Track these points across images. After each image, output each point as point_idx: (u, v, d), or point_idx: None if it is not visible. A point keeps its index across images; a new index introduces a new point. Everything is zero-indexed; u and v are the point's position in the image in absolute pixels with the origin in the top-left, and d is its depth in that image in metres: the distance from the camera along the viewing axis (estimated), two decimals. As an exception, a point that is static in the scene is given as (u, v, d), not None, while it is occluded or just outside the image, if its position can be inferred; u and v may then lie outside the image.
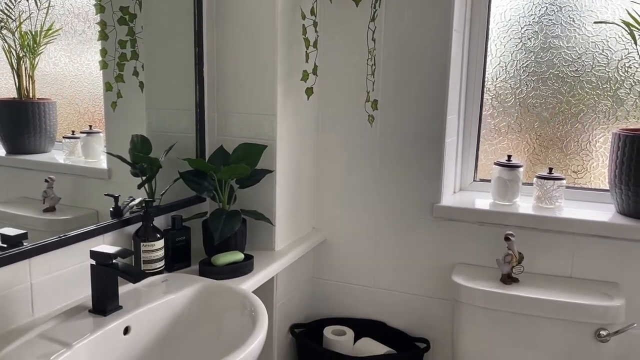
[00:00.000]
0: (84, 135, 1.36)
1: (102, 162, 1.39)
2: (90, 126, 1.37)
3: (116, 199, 1.36)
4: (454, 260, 1.73)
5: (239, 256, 1.44)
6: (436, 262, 1.75)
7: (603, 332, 1.42)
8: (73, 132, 1.34)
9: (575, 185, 1.76)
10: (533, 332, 1.49)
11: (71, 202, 1.27)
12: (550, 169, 1.70)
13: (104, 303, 1.11)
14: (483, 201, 1.74)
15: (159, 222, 1.47)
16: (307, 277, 1.88)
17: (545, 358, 1.49)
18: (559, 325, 1.46)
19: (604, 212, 1.61)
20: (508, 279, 1.56)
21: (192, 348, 1.19)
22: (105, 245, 1.22)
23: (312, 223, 1.88)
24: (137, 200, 1.42)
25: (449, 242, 1.73)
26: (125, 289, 1.21)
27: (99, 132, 1.37)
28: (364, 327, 1.83)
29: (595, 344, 1.44)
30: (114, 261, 1.10)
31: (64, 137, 1.32)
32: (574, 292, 1.50)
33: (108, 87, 1.34)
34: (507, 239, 1.54)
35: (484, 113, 1.83)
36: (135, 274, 1.09)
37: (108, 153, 1.39)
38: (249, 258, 1.47)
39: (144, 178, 1.46)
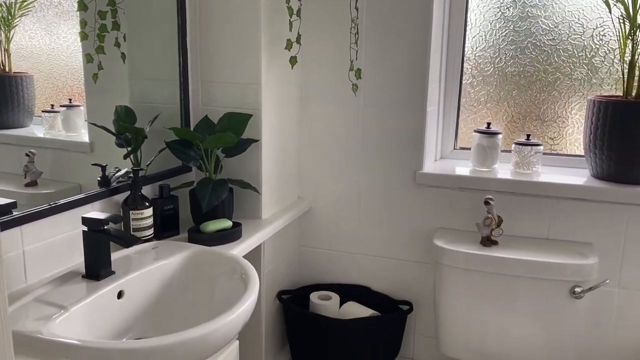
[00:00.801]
0: (64, 109, 1.35)
1: (84, 135, 1.39)
2: (70, 99, 1.36)
3: (103, 168, 1.36)
4: (435, 225, 1.78)
5: (227, 223, 1.47)
6: (418, 228, 1.80)
7: (578, 289, 1.49)
8: (52, 105, 1.33)
9: (552, 152, 1.82)
10: (511, 291, 1.55)
11: (53, 176, 1.27)
12: (528, 136, 1.75)
13: (97, 268, 1.13)
14: (463, 168, 1.79)
15: (146, 191, 1.47)
16: (293, 245, 1.92)
17: (523, 316, 1.56)
18: (536, 284, 1.52)
19: (579, 176, 1.68)
20: (487, 242, 1.62)
21: (185, 311, 1.22)
22: (96, 212, 1.23)
23: (297, 192, 1.91)
24: (123, 171, 1.43)
25: (431, 208, 1.78)
26: (116, 255, 1.23)
27: (79, 106, 1.37)
28: (349, 292, 1.88)
29: (570, 301, 1.51)
30: (105, 227, 1.12)
31: (43, 111, 1.31)
32: (550, 252, 1.56)
33: (89, 58, 1.33)
34: (486, 202, 1.59)
35: (464, 82, 1.87)
36: (128, 239, 1.11)
37: (92, 124, 1.39)
38: (237, 225, 1.50)
39: (129, 149, 1.47)
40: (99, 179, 1.36)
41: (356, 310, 1.77)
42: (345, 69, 1.72)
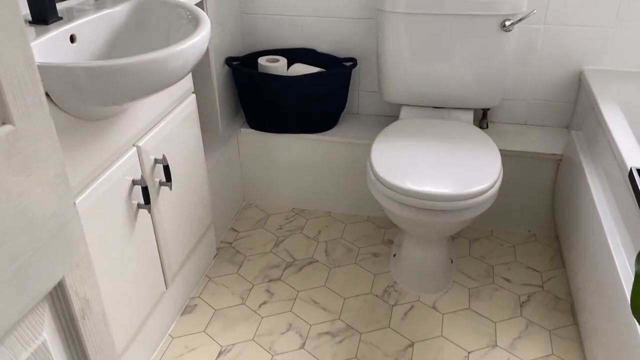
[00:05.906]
0: None
1: None
2: None
3: None
4: (376, -22, 1.79)
5: (167, -24, 1.43)
6: (359, -17, 1.81)
7: (507, 22, 1.60)
8: None
9: None
10: (448, 32, 1.65)
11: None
12: None
13: (43, 12, 1.11)
14: None
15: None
16: (234, 12, 1.90)
17: (458, 55, 1.68)
18: (470, 21, 1.62)
19: None
20: (427, -13, 1.66)
21: (142, 52, 1.24)
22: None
23: (233, -46, 1.84)
24: None
25: (371, -40, 1.77)
26: (58, 7, 1.20)
27: None
28: (295, 55, 1.94)
29: (501, 34, 1.63)
30: (42, -34, 1.07)
31: None
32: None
33: None
34: (426, -56, 1.60)
35: None
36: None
37: None
38: (177, -21, 1.46)
39: None
40: None
41: (304, 69, 1.85)
42: None
